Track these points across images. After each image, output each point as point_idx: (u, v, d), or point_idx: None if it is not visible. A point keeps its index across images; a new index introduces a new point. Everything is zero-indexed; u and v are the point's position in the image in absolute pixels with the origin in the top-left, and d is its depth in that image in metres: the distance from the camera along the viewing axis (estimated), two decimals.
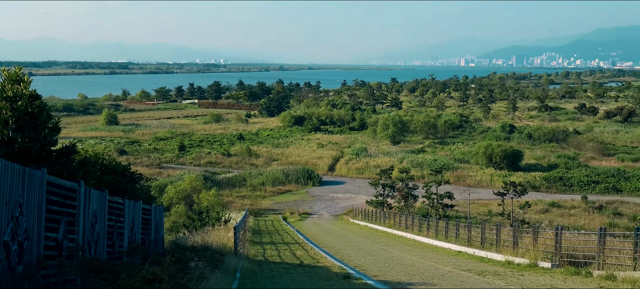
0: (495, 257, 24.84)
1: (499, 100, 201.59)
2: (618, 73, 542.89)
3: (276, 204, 73.89)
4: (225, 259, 22.15)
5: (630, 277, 15.34)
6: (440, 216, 52.08)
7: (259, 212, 68.00)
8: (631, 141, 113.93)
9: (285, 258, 26.88)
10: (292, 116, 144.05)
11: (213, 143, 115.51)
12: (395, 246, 33.83)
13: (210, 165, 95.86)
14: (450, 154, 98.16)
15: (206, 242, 27.77)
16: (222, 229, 34.52)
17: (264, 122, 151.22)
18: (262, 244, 34.68)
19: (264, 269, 21.89)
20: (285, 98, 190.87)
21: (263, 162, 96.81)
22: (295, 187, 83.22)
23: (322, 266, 22.91)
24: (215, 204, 56.44)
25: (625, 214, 60.67)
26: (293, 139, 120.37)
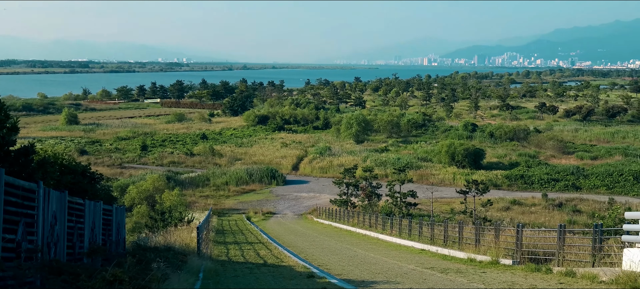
0: (458, 255, 25.05)
1: (461, 99, 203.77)
2: (577, 72, 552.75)
3: (240, 204, 73.56)
4: (188, 260, 21.97)
5: (589, 273, 15.59)
6: (403, 214, 52.36)
7: (223, 212, 67.61)
8: (590, 139, 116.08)
9: (249, 257, 26.75)
10: (256, 115, 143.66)
11: (176, 143, 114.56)
12: (359, 244, 33.93)
13: (173, 165, 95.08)
14: (414, 153, 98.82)
15: (169, 242, 27.51)
16: (185, 230, 34.25)
17: (227, 122, 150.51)
18: (225, 244, 34.48)
19: (227, 269, 21.76)
20: (248, 97, 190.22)
21: (226, 161, 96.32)
22: (259, 187, 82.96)
23: (286, 265, 22.86)
24: (178, 204, 55.98)
25: (585, 211, 61.71)
26: (257, 139, 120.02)
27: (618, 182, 75.96)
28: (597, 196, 70.37)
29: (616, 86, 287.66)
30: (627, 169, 79.56)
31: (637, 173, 77.17)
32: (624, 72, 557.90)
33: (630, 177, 76.37)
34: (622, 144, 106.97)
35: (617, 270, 15.03)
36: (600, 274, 15.18)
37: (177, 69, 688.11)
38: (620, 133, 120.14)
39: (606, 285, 14.26)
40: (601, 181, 76.74)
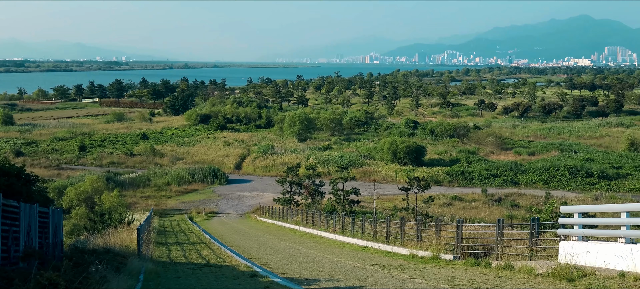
0: (400, 251, 25.27)
1: (402, 97, 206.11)
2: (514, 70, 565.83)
3: (182, 204, 72.70)
4: (128, 262, 21.54)
5: (526, 266, 15.92)
6: (346, 212, 52.61)
7: (164, 212, 66.67)
8: (527, 135, 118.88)
9: (191, 258, 26.44)
10: (198, 114, 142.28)
11: (115, 143, 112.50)
12: (303, 242, 33.93)
13: (112, 165, 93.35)
14: (356, 151, 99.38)
15: (108, 244, 26.92)
16: (126, 231, 33.60)
17: (168, 121, 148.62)
18: (167, 244, 34.00)
19: (168, 270, 21.45)
20: (190, 96, 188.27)
21: (168, 161, 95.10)
22: (201, 186, 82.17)
23: (228, 265, 22.68)
24: (118, 205, 54.89)
25: (523, 206, 63.06)
26: (199, 138, 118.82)
27: (554, 177, 77.92)
28: (535, 190, 72.03)
29: (552, 83, 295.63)
30: (562, 164, 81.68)
31: (572, 168, 79.30)
32: (559, 69, 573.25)
33: (565, 172, 78.43)
34: (558, 140, 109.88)
35: (553, 263, 15.38)
36: (537, 267, 15.52)
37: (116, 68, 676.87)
38: (556, 129, 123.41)
39: (543, 278, 14.58)
40: (538, 176, 78.59)
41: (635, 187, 72.10)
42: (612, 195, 67.39)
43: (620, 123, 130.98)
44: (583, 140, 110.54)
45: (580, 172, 77.93)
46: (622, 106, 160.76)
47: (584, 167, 79.61)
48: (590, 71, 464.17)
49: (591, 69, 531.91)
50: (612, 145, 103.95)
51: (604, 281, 12.66)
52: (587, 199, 65.16)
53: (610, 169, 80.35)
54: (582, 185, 74.28)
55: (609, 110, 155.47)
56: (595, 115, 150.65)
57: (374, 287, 15.72)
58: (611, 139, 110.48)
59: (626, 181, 75.75)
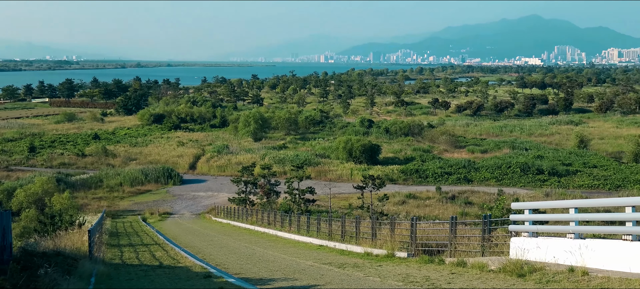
0: (355, 249, 25.34)
1: (357, 96, 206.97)
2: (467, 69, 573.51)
3: (135, 205, 71.74)
4: (79, 264, 21.11)
5: (478, 262, 16.11)
6: (302, 211, 52.59)
7: (117, 213, 65.67)
8: (480, 133, 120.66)
9: (144, 259, 26.06)
10: (151, 114, 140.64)
11: (66, 143, 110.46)
12: (258, 242, 33.78)
13: (63, 166, 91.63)
14: (312, 150, 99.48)
15: (59, 247, 26.34)
16: (77, 233, 32.93)
17: (121, 121, 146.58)
18: (119, 246, 33.47)
19: (121, 272, 21.11)
20: (143, 96, 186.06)
21: (121, 162, 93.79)
22: (155, 187, 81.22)
23: (182, 266, 22.43)
24: (69, 207, 53.88)
25: (476, 203, 63.85)
26: (152, 138, 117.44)
27: (506, 174, 79.20)
28: (487, 187, 73.06)
29: (504, 81, 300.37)
30: (514, 162, 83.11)
31: (523, 165, 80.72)
32: (510, 68, 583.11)
33: (517, 169, 79.79)
34: (510, 138, 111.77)
35: (505, 259, 15.61)
36: (489, 263, 15.72)
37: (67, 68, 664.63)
38: (508, 127, 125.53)
39: (495, 273, 14.77)
40: (491, 174, 79.78)
41: (584, 184, 73.71)
42: (562, 191, 68.77)
43: (570, 121, 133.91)
44: (534, 138, 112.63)
45: (531, 170, 79.38)
46: (571, 104, 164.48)
47: (534, 165, 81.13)
48: (541, 70, 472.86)
49: (541, 68, 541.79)
50: (562, 142, 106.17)
51: (554, 276, 12.89)
52: (538, 195, 66.33)
53: (560, 166, 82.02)
54: (533, 182, 75.65)
55: (558, 108, 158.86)
56: (546, 113, 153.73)
57: (329, 286, 15.72)
58: (561, 136, 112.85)
59: (575, 177, 77.41)
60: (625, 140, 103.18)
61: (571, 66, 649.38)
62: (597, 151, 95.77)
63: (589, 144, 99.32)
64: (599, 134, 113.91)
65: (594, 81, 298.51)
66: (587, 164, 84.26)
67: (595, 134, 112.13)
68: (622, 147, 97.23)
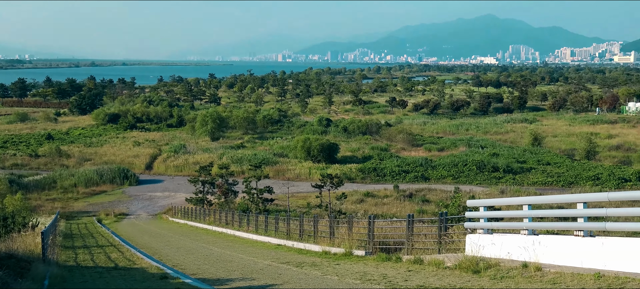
0: (313, 248, 25.37)
1: (315, 95, 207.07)
2: (424, 68, 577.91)
3: (90, 206, 70.64)
4: (32, 267, 20.69)
5: (435, 260, 16.26)
6: (260, 210, 52.44)
7: (72, 215, 64.56)
8: (436, 131, 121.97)
9: (99, 261, 25.69)
10: (106, 113, 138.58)
11: (18, 144, 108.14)
12: (216, 242, 33.58)
13: (15, 167, 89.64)
14: (270, 149, 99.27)
15: (11, 249, 25.79)
16: (30, 235, 32.31)
17: (75, 121, 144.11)
18: (74, 248, 32.91)
19: (75, 274, 20.76)
20: (98, 95, 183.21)
21: (75, 162, 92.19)
22: (110, 188, 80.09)
23: (138, 267, 22.15)
24: (21, 208, 52.74)
25: (433, 201, 64.50)
26: (107, 138, 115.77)
27: (463, 172, 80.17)
28: (444, 185, 73.83)
29: (460, 80, 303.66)
30: (470, 160, 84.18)
31: (479, 163, 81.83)
32: (466, 67, 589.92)
33: (473, 167, 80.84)
34: (466, 136, 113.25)
35: (461, 255, 15.78)
36: (446, 260, 15.88)
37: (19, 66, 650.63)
38: (464, 125, 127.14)
39: (451, 270, 14.92)
40: (447, 172, 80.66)
41: (538, 181, 75.04)
42: (516, 188, 69.98)
43: (524, 119, 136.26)
44: (489, 136, 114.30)
45: (487, 167, 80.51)
46: (525, 102, 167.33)
47: (490, 162, 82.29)
48: (496, 69, 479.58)
49: (496, 67, 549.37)
50: (516, 140, 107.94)
51: (508, 271, 13.08)
52: (493, 193, 67.37)
53: (515, 164, 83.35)
54: (489, 179, 76.72)
55: (513, 106, 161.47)
56: (501, 111, 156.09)
57: (286, 285, 15.69)
58: (516, 134, 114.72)
59: (530, 174, 78.76)
60: (578, 137, 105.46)
61: (525, 65, 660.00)
62: (550, 148, 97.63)
63: (542, 141, 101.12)
64: (552, 131, 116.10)
65: (548, 79, 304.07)
66: (541, 162, 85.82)
67: (548, 132, 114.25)
68: (574, 144, 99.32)
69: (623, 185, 70.70)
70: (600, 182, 72.50)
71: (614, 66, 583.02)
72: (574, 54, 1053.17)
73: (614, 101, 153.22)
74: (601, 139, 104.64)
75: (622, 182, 71.83)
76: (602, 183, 71.77)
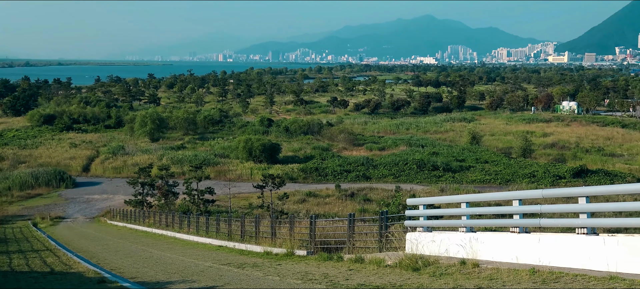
0: (255, 249, 25.25)
1: (257, 95, 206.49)
2: (365, 68, 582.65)
3: (25, 210, 68.74)
4: None
5: (376, 258, 16.37)
6: (201, 211, 51.97)
7: (5, 219, 62.67)
8: (378, 131, 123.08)
9: (34, 266, 24.96)
10: (41, 114, 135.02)
11: None
12: (156, 245, 33.10)
13: None
14: (211, 150, 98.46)
15: None
16: None
17: (8, 122, 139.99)
18: (8, 253, 31.91)
19: (9, 280, 20.13)
20: (32, 96, 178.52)
21: (8, 165, 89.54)
22: (46, 191, 78.10)
23: (75, 271, 21.63)
24: None
25: (374, 200, 65.03)
26: (42, 140, 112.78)
27: (403, 171, 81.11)
28: (386, 184, 74.54)
29: (400, 80, 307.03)
30: (411, 158, 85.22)
31: (419, 162, 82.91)
32: (406, 67, 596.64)
33: (413, 166, 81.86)
34: (407, 135, 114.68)
35: (401, 254, 15.92)
36: (386, 258, 16.00)
37: None
38: (405, 125, 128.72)
39: (391, 268, 15.05)
40: (388, 171, 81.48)
41: (477, 179, 76.53)
42: (456, 187, 71.17)
43: (463, 118, 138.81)
44: (429, 135, 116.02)
45: (427, 166, 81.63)
46: (464, 101, 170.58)
47: (430, 161, 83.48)
48: (435, 69, 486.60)
49: (436, 67, 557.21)
50: (455, 139, 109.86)
51: (447, 269, 13.27)
52: (433, 191, 68.34)
53: (454, 162, 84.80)
54: (429, 178, 77.81)
55: (452, 106, 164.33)
56: (440, 110, 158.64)
57: (228, 286, 15.57)
58: (455, 133, 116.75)
59: (469, 172, 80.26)
60: (514, 136, 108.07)
61: (463, 65, 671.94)
62: (488, 147, 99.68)
63: (481, 140, 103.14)
64: (490, 130, 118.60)
65: (485, 79, 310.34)
66: (480, 160, 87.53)
67: (486, 131, 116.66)
68: (511, 143, 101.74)
69: (558, 182, 72.77)
70: (536, 179, 74.43)
71: (549, 66, 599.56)
72: (510, 55, 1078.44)
73: (549, 100, 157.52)
74: (537, 137, 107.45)
75: (557, 180, 73.92)
76: (538, 181, 73.70)
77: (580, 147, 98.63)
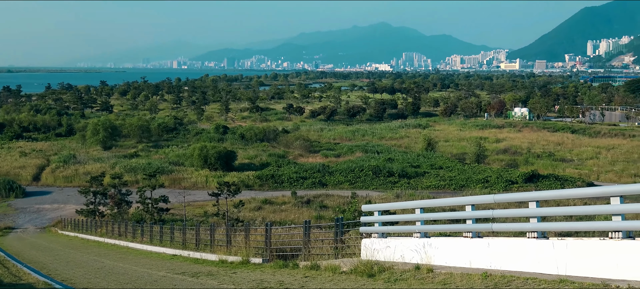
0: (210, 257, 25.03)
1: (212, 102, 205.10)
2: (321, 75, 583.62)
3: None
4: None
5: (331, 265, 16.36)
6: (155, 220, 51.34)
7: None
8: (333, 137, 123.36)
9: None
10: None
11: None
12: (108, 255, 32.56)
13: None
14: (165, 158, 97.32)
15: None
16: None
17: None
18: None
19: None
20: None
21: None
22: None
23: (25, 283, 21.11)
24: None
25: (330, 207, 65.02)
26: None
27: (359, 177, 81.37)
28: (342, 191, 74.63)
29: (356, 87, 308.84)
30: (366, 165, 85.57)
31: (375, 168, 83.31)
32: (362, 74, 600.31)
33: (369, 172, 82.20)
34: (362, 142, 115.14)
35: (356, 260, 15.95)
36: (342, 265, 16.01)
37: None
38: (360, 131, 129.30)
39: (346, 275, 15.06)
40: (344, 177, 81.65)
41: (431, 185, 77.19)
42: (411, 193, 71.59)
43: (418, 124, 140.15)
44: (385, 141, 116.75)
45: (382, 172, 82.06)
46: (419, 108, 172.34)
47: (386, 167, 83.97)
48: (390, 76, 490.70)
49: (391, 74, 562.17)
50: (411, 145, 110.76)
51: (401, 274, 13.33)
52: (389, 197, 68.68)
53: (409, 168, 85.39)
54: (385, 184, 78.23)
55: (407, 112, 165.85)
56: (395, 117, 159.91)
57: None
58: (410, 139, 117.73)
59: (424, 178, 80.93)
60: (468, 142, 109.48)
61: (418, 72, 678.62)
62: (443, 153, 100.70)
63: (435, 146, 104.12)
64: (444, 136, 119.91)
65: (439, 86, 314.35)
66: (434, 166, 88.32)
67: (441, 137, 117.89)
68: (465, 149, 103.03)
69: (510, 187, 73.86)
70: (489, 184, 75.48)
71: (501, 73, 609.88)
72: (464, 61, 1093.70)
73: (501, 107, 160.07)
74: (490, 143, 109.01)
75: (509, 185, 75.04)
76: (491, 186, 74.75)
77: (532, 153, 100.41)
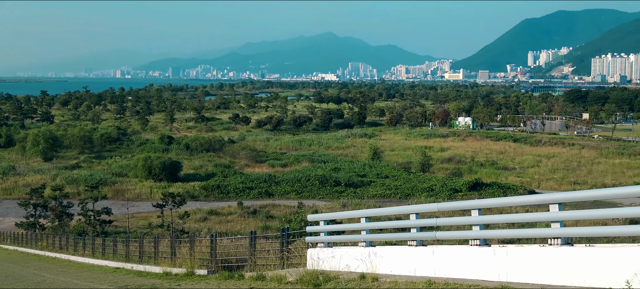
0: (154, 269, 24.62)
1: (156, 112, 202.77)
2: (267, 84, 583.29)
3: None
4: None
5: (277, 275, 16.27)
6: (97, 233, 50.32)
7: None
8: (280, 147, 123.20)
9: None
10: None
11: None
12: (49, 269, 31.71)
13: None
14: (108, 168, 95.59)
15: None
16: None
17: None
18: None
19: None
20: None
21: None
22: None
23: None
24: None
25: (277, 217, 64.78)
26: None
27: (306, 187, 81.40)
28: (288, 200, 74.51)
29: (302, 96, 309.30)
30: (313, 174, 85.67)
31: (322, 178, 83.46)
32: (308, 83, 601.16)
33: (316, 182, 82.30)
34: (309, 151, 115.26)
35: (302, 270, 15.89)
36: (288, 275, 15.93)
37: None
38: (307, 141, 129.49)
39: (292, 285, 14.98)
40: (291, 187, 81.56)
41: (378, 194, 77.74)
42: (358, 202, 71.92)
43: (364, 134, 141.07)
44: (331, 150, 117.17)
45: (329, 182, 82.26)
46: (365, 117, 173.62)
47: (332, 177, 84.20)
48: (336, 86, 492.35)
49: (337, 84, 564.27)
50: (357, 154, 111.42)
51: (347, 283, 13.32)
52: (335, 206, 68.89)
53: (355, 178, 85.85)
54: (331, 193, 78.44)
55: (353, 122, 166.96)
56: (342, 126, 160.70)
57: None
58: (356, 149, 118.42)
59: (370, 188, 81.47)
60: (413, 151, 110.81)
61: (364, 82, 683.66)
62: (389, 162, 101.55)
63: (381, 155, 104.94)
64: (390, 146, 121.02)
65: (385, 95, 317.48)
66: (380, 175, 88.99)
67: (386, 146, 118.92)
68: (410, 157, 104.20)
69: (454, 196, 74.97)
70: (434, 193, 76.46)
71: (445, 83, 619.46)
72: (409, 71, 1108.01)
73: (446, 116, 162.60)
74: (434, 152, 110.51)
75: (453, 193, 76.16)
76: (436, 194, 75.72)
77: (475, 161, 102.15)
